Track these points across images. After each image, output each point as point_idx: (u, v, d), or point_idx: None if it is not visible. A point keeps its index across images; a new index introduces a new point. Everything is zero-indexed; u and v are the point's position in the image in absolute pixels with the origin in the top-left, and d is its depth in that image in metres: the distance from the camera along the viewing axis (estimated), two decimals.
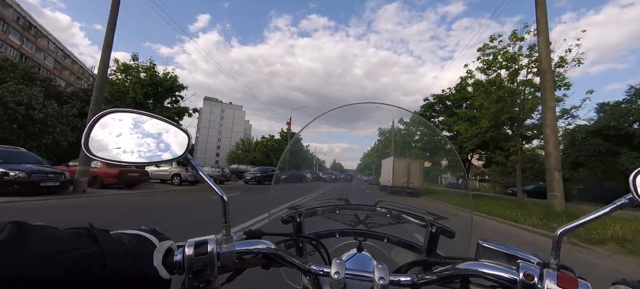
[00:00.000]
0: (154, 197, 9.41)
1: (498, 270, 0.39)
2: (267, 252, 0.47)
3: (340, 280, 0.44)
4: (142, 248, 0.37)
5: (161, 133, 0.46)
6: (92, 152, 0.41)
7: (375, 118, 3.11)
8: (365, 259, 0.65)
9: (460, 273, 0.42)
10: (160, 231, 0.42)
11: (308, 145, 2.53)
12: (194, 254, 0.40)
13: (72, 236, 0.32)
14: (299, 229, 0.74)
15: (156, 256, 0.37)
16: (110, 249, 0.33)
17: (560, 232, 0.38)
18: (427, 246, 0.67)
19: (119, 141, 0.44)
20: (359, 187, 5.79)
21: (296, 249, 0.71)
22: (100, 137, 0.43)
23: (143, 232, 0.39)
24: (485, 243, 0.43)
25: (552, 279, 0.35)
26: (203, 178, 0.44)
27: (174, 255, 0.40)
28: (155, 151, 0.45)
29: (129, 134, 0.44)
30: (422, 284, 0.45)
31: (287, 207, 0.76)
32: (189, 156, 0.44)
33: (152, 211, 6.72)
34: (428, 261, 0.56)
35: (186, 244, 0.41)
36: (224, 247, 0.42)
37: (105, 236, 0.35)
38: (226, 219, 0.43)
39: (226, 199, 0.43)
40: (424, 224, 0.69)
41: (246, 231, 0.51)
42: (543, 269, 0.36)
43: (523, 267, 0.37)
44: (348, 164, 3.79)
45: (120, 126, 0.44)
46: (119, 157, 0.43)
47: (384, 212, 0.78)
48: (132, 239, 0.37)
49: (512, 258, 0.40)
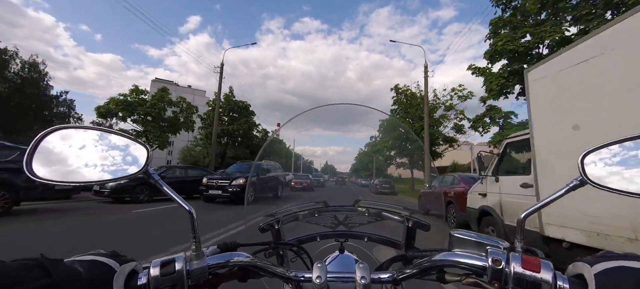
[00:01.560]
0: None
1: (469, 258, 0.40)
2: (243, 264, 0.45)
3: (322, 284, 0.43)
4: (100, 274, 0.34)
5: (117, 148, 0.43)
6: (35, 175, 0.37)
7: (368, 120, 3.12)
8: (348, 260, 0.65)
9: (436, 264, 0.43)
10: (121, 253, 0.39)
11: (290, 146, 2.45)
12: (160, 274, 0.37)
13: (21, 268, 0.29)
14: (278, 236, 0.73)
15: (116, 282, 0.34)
16: (65, 280, 0.30)
17: (523, 215, 0.40)
18: (405, 241, 0.68)
19: (71, 160, 0.40)
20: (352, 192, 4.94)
21: (277, 257, 0.69)
22: (49, 157, 0.39)
23: (101, 256, 0.36)
24: (456, 233, 0.45)
25: (517, 262, 0.36)
26: (167, 192, 0.41)
27: (139, 278, 0.37)
28: (113, 167, 0.42)
29: (82, 151, 0.40)
30: (402, 279, 0.46)
31: (264, 215, 0.74)
32: (150, 170, 0.42)
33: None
34: (407, 256, 0.57)
35: (151, 265, 0.38)
36: (195, 263, 0.40)
37: (58, 265, 0.32)
38: (195, 233, 0.41)
39: (194, 212, 0.41)
40: (401, 219, 0.71)
41: (219, 244, 0.49)
42: (509, 253, 0.38)
43: (491, 253, 0.39)
44: (342, 167, 3.76)
45: (70, 144, 0.40)
46: (71, 177, 0.39)
47: (363, 211, 0.78)
48: (87, 266, 0.34)
49: (481, 245, 0.42)
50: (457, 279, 0.43)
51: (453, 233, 0.45)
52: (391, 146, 14.71)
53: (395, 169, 18.23)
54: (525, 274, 0.35)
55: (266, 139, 24.87)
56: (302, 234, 0.77)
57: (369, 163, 9.53)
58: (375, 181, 9.27)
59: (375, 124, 2.17)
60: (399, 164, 18.90)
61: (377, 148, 11.79)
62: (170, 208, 7.77)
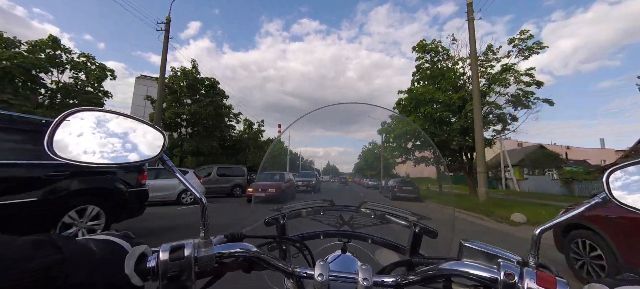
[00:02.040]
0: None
1: (480, 270, 0.39)
2: (248, 255, 0.45)
3: (323, 282, 0.43)
4: (112, 254, 0.35)
5: (134, 132, 0.43)
6: (55, 153, 0.38)
7: (370, 121, 3.01)
8: (350, 261, 0.65)
9: (443, 273, 0.42)
10: (132, 236, 0.39)
11: (289, 147, 2.42)
12: (169, 259, 0.38)
13: (30, 245, 0.29)
14: (283, 231, 0.73)
15: (128, 263, 0.35)
16: (76, 258, 0.31)
17: (539, 231, 0.39)
18: (410, 246, 0.67)
19: (91, 141, 0.41)
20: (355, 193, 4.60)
21: (279, 252, 0.70)
22: (68, 137, 0.40)
23: (114, 237, 0.37)
24: (467, 242, 0.44)
25: (531, 278, 0.35)
26: (180, 179, 0.42)
27: (148, 261, 0.38)
28: (130, 152, 0.43)
29: (97, 134, 0.41)
30: (406, 285, 0.45)
31: (270, 210, 0.74)
32: (165, 157, 0.42)
33: None
34: (411, 262, 0.56)
35: (161, 249, 0.39)
36: (203, 251, 0.41)
37: (70, 243, 0.32)
38: (205, 222, 0.42)
39: (205, 202, 0.41)
40: (408, 224, 0.70)
41: (226, 234, 0.50)
42: (523, 269, 0.37)
43: (504, 266, 0.38)
44: (344, 168, 3.71)
45: (89, 126, 0.41)
46: (90, 158, 0.40)
47: (368, 213, 0.78)
48: (101, 246, 0.35)
49: (493, 257, 0.41)
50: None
51: (463, 242, 0.44)
52: (397, 148, 13.08)
53: (414, 165, 14.05)
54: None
55: (247, 133, 22.47)
56: (306, 230, 0.77)
57: (376, 161, 8.62)
58: (390, 182, 7.72)
59: (377, 123, 2.12)
60: (417, 159, 13.39)
61: (387, 146, 10.36)
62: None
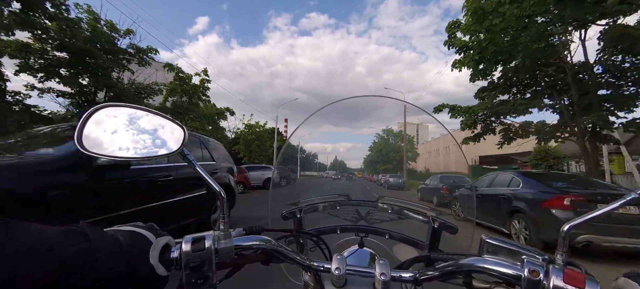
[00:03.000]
0: None
1: (502, 266, 0.38)
2: (266, 248, 0.46)
3: (341, 276, 0.43)
4: (138, 244, 0.36)
5: (156, 128, 0.45)
6: (85, 148, 0.40)
7: (377, 116, 2.90)
8: (367, 255, 0.64)
9: (463, 268, 0.41)
10: (157, 227, 0.41)
11: (299, 144, 2.38)
12: (191, 250, 0.39)
13: (61, 234, 0.31)
14: (300, 225, 0.74)
15: (152, 253, 0.37)
16: (103, 246, 0.32)
17: (568, 227, 0.37)
18: (429, 242, 0.66)
19: (114, 137, 0.43)
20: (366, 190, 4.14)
21: (297, 245, 0.70)
22: (94, 133, 0.42)
23: (140, 228, 0.39)
24: (489, 239, 0.42)
25: (558, 276, 0.34)
26: (199, 173, 0.43)
27: (171, 251, 0.40)
28: (151, 146, 0.44)
29: (123, 129, 0.43)
30: (424, 280, 0.44)
31: (287, 204, 0.75)
32: (185, 151, 0.44)
33: None
34: (430, 257, 0.55)
35: (183, 241, 0.40)
36: (222, 243, 0.42)
37: (98, 232, 0.34)
38: (224, 214, 0.43)
39: (224, 195, 0.42)
40: (426, 219, 0.68)
41: (245, 227, 0.51)
42: (549, 266, 0.35)
43: (528, 263, 0.36)
44: (352, 164, 3.64)
45: (115, 122, 0.43)
46: (115, 152, 0.43)
47: (386, 208, 0.77)
48: (128, 236, 0.36)
49: (517, 255, 0.39)
50: (486, 286, 0.41)
51: (485, 238, 0.42)
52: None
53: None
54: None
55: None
56: (323, 225, 0.77)
57: (391, 152, 7.35)
58: (433, 181, 6.08)
59: (387, 118, 2.05)
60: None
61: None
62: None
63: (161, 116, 0.46)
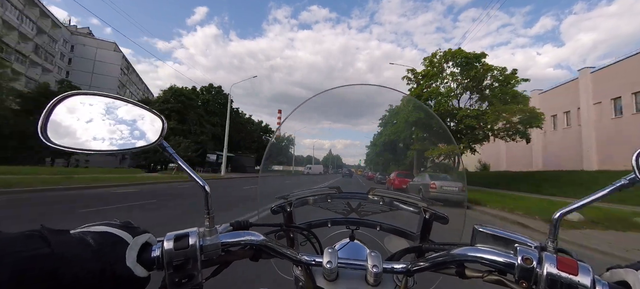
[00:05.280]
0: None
1: (495, 255, 0.38)
2: (255, 243, 0.44)
3: (332, 269, 0.42)
4: (111, 246, 0.33)
5: (135, 119, 0.42)
6: (50, 140, 0.36)
7: (377, 113, 2.81)
8: (358, 248, 0.64)
9: (456, 258, 0.41)
10: (135, 225, 0.38)
11: (285, 139, 2.25)
12: (174, 248, 0.37)
13: (15, 239, 0.28)
14: (290, 219, 0.72)
15: (129, 254, 0.34)
16: (66, 251, 0.29)
17: (559, 214, 0.37)
18: (420, 233, 0.66)
19: (87, 126, 0.39)
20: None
21: (287, 240, 0.69)
22: (63, 123, 0.38)
23: (113, 228, 0.35)
24: (481, 227, 0.42)
25: (551, 262, 0.34)
26: (181, 166, 0.40)
27: (152, 250, 0.37)
28: (129, 138, 0.41)
29: (99, 119, 0.40)
30: (416, 271, 0.44)
31: (276, 197, 0.73)
32: (165, 143, 0.41)
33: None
34: (422, 248, 0.55)
35: (165, 238, 0.38)
36: (208, 239, 0.40)
37: (61, 236, 0.31)
38: (209, 210, 0.40)
39: (208, 189, 0.40)
40: (417, 210, 0.68)
41: (232, 222, 0.49)
42: (541, 253, 0.35)
43: (521, 251, 0.36)
44: (349, 161, 3.49)
45: (88, 111, 0.40)
46: (86, 145, 0.39)
47: (377, 200, 0.76)
48: (98, 238, 0.33)
49: (509, 243, 0.39)
50: (479, 275, 0.40)
51: (477, 227, 0.42)
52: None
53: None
54: (561, 275, 0.32)
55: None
56: (314, 218, 0.76)
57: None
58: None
59: (386, 112, 2.02)
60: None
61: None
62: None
63: (140, 107, 0.43)
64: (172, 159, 0.40)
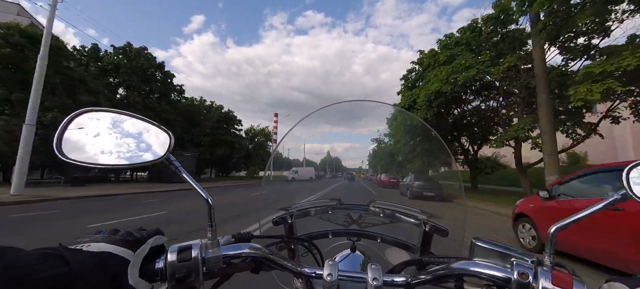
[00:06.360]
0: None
1: (492, 269, 0.38)
2: (256, 256, 0.45)
3: (333, 282, 0.43)
4: (114, 265, 0.34)
5: (141, 133, 0.43)
6: (64, 155, 0.38)
7: (375, 115, 2.85)
8: (359, 260, 0.64)
9: (455, 272, 0.41)
10: (136, 234, 0.38)
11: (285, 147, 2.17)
12: (177, 260, 0.38)
13: (37, 257, 0.29)
14: (291, 230, 0.73)
15: (131, 272, 0.35)
16: (83, 269, 0.30)
17: (554, 230, 0.37)
18: (420, 245, 0.66)
19: (96, 142, 0.41)
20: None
21: (288, 252, 0.69)
22: (75, 138, 0.40)
23: (112, 244, 0.35)
24: (479, 241, 0.43)
25: (546, 277, 0.34)
26: (187, 180, 0.41)
27: (156, 262, 0.38)
28: (136, 152, 0.43)
29: (106, 133, 0.42)
30: (416, 285, 0.44)
31: (278, 209, 0.74)
32: (172, 157, 0.42)
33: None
34: (422, 261, 0.55)
35: (169, 251, 0.39)
36: (210, 252, 0.40)
37: (78, 255, 0.32)
38: (211, 222, 0.41)
39: (211, 202, 0.41)
40: (418, 223, 0.69)
41: (234, 234, 0.49)
42: (537, 268, 0.36)
43: (517, 266, 0.36)
44: (350, 164, 3.42)
45: (98, 126, 0.41)
46: (97, 159, 0.41)
47: (377, 211, 0.77)
48: (104, 259, 0.34)
49: (507, 257, 0.40)
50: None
51: (475, 241, 0.43)
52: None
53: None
54: None
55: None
56: (315, 230, 0.76)
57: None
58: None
59: (381, 119, 2.01)
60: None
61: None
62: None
63: (146, 121, 0.45)
64: (177, 173, 0.42)
